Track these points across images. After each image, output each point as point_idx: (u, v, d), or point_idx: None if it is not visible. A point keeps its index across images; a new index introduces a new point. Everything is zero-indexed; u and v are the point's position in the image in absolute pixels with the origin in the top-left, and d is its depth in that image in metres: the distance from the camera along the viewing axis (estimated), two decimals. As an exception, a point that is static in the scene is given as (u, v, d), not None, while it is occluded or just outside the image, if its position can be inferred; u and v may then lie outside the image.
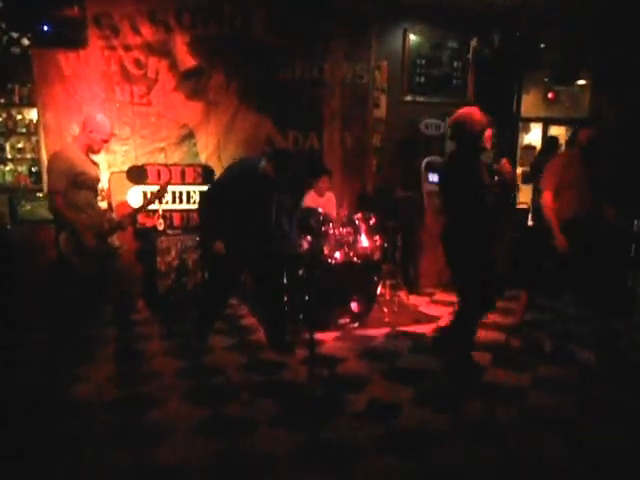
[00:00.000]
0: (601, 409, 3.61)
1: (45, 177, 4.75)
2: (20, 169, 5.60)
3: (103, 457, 2.99)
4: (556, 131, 7.46)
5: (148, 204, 4.32)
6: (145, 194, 5.36)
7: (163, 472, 2.87)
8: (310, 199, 5.64)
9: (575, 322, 5.21)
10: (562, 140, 7.39)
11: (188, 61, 5.68)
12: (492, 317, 5.39)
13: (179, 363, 4.29)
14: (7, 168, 5.60)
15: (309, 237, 4.95)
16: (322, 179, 5.69)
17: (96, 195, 4.18)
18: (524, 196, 7.22)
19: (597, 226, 4.44)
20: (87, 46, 5.35)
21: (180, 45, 5.64)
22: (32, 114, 5.51)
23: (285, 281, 5.01)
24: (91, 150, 4.07)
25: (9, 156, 5.60)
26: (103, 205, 4.38)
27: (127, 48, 5.51)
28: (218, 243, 4.19)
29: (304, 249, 4.79)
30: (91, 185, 4.05)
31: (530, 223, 6.70)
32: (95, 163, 4.19)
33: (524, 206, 7.03)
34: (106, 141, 4.12)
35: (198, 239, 5.50)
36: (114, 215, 4.41)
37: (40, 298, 4.92)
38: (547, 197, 4.43)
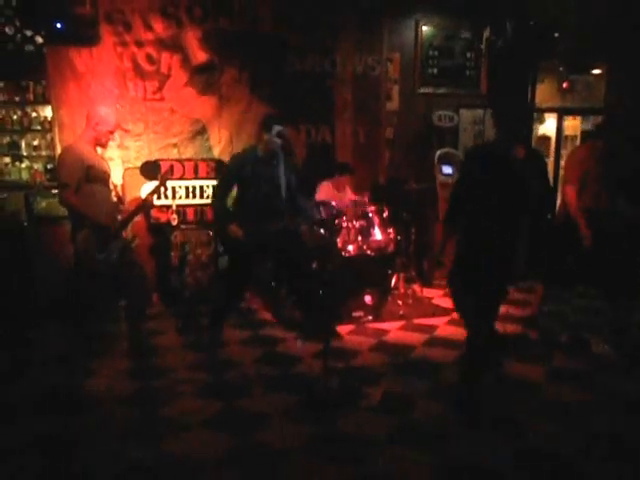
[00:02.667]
0: (618, 401, 3.58)
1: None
2: (36, 166, 5.65)
3: (117, 451, 3.02)
4: (570, 121, 7.37)
5: (153, 194, 4.33)
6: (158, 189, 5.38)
7: (177, 466, 2.89)
8: (327, 192, 5.64)
9: (591, 313, 5.16)
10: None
11: (200, 56, 5.68)
12: (508, 309, 5.36)
13: (193, 357, 4.31)
14: (23, 165, 5.65)
15: (322, 230, 4.96)
16: (345, 176, 5.70)
17: (109, 189, 4.21)
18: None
19: (613, 219, 4.36)
20: (99, 43, 5.38)
21: (192, 40, 5.64)
22: (47, 111, 5.54)
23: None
24: (99, 143, 4.11)
25: (24, 153, 5.66)
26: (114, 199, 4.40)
27: (139, 44, 5.52)
28: (233, 226, 4.24)
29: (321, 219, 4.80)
30: (103, 178, 4.10)
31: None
32: (104, 158, 4.23)
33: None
34: (112, 132, 4.18)
35: (212, 232, 5.54)
36: (126, 208, 4.44)
37: (57, 295, 4.96)
38: (570, 192, 4.38)
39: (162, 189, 4.56)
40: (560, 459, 2.95)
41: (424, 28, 6.63)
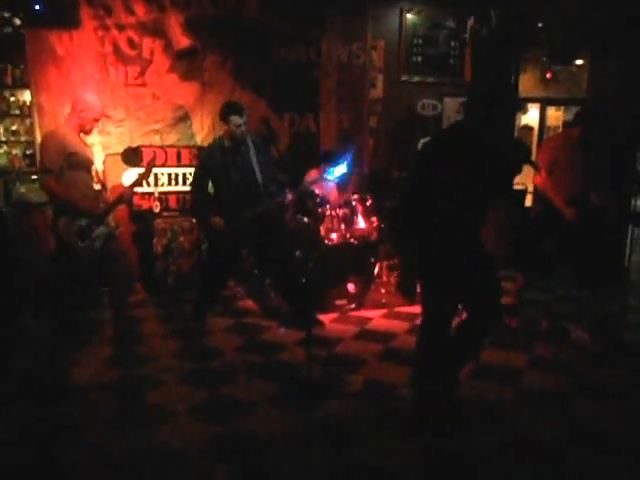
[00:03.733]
0: (595, 388, 3.65)
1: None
2: (14, 151, 5.57)
3: (101, 440, 3.01)
4: (553, 112, 7.43)
5: (137, 184, 4.29)
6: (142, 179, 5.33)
7: (162, 454, 2.89)
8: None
9: (570, 302, 5.24)
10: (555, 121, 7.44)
11: (183, 41, 5.59)
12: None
13: (177, 345, 4.31)
14: (1, 150, 5.58)
15: (306, 218, 4.98)
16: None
17: (91, 177, 4.17)
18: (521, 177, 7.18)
19: (585, 208, 4.40)
20: (80, 26, 5.27)
21: (174, 25, 5.55)
22: (26, 96, 5.45)
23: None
24: (83, 130, 4.06)
25: (3, 138, 5.58)
26: (97, 187, 4.35)
27: (121, 28, 5.42)
28: (216, 219, 4.34)
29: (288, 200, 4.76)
30: (86, 166, 4.05)
31: (528, 204, 6.66)
32: (87, 144, 4.17)
33: (521, 187, 7.00)
34: (97, 120, 4.12)
35: (195, 221, 5.52)
36: (109, 196, 4.40)
37: (38, 282, 4.90)
38: (539, 177, 4.41)
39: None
40: (541, 446, 3.00)
41: (408, 16, 6.60)
